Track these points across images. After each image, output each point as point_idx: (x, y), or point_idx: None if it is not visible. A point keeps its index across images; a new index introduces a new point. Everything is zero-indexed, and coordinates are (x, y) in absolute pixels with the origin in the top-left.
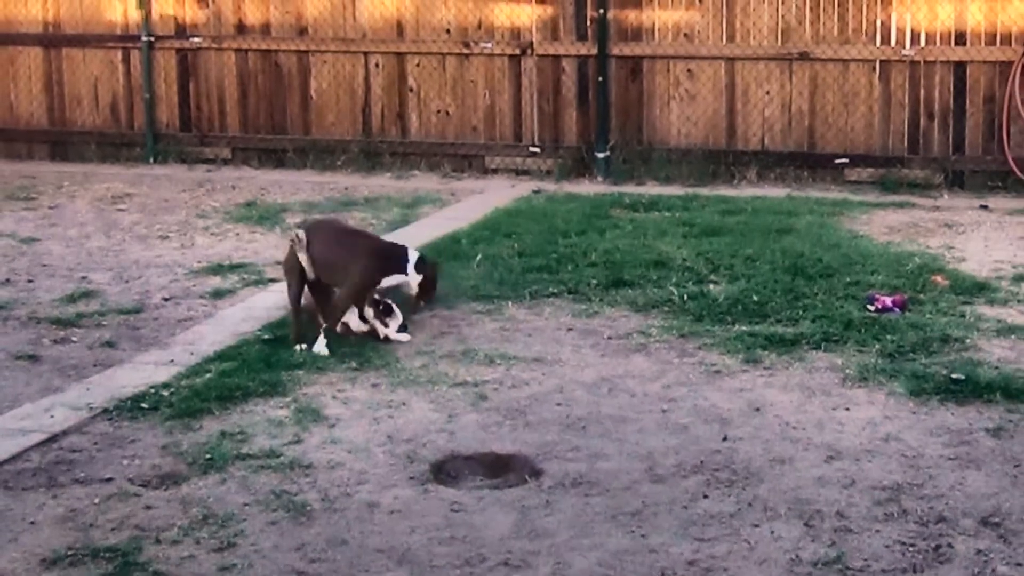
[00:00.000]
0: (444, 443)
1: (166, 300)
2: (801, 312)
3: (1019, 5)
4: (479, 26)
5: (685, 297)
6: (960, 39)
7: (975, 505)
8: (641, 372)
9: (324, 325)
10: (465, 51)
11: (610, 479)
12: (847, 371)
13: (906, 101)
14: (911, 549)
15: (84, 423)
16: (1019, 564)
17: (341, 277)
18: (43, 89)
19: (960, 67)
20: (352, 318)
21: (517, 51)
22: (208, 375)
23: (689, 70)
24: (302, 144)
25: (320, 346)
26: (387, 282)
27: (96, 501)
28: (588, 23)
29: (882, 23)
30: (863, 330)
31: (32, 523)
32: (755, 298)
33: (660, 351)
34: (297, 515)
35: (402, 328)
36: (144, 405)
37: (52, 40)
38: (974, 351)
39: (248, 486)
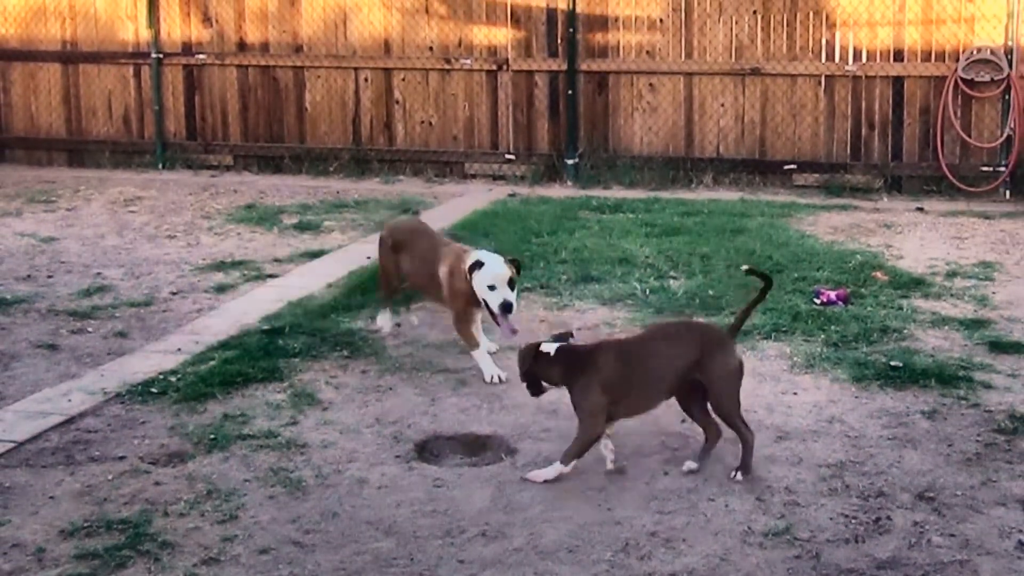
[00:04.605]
0: (427, 424)
1: (173, 294)
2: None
3: (952, 26)
4: (459, 44)
5: (647, 291)
6: (898, 56)
7: (912, 481)
8: None
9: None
10: (446, 67)
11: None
12: (795, 359)
13: (849, 112)
14: (853, 521)
15: (99, 406)
16: (952, 535)
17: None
18: (62, 102)
19: (898, 82)
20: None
21: (494, 67)
22: (212, 363)
23: (651, 84)
24: (298, 152)
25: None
26: None
27: (110, 477)
28: (559, 41)
29: (827, 41)
30: (809, 321)
31: (51, 497)
32: (711, 292)
33: None
34: (293, 490)
35: None
36: (154, 390)
37: (70, 57)
38: (911, 340)
39: (248, 464)
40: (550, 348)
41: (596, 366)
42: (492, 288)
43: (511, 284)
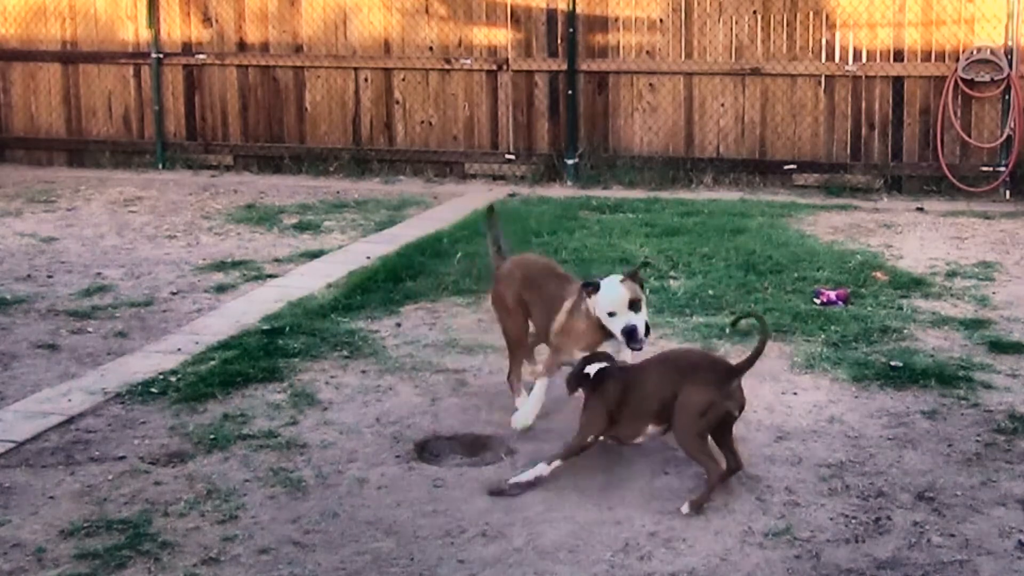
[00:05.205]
0: (427, 425)
1: (174, 294)
2: (753, 305)
3: (952, 27)
4: (459, 44)
5: (647, 291)
6: (898, 56)
7: (912, 481)
8: None
9: None
10: (446, 67)
11: (578, 457)
12: (795, 359)
13: (849, 112)
14: (853, 521)
15: (99, 406)
16: (952, 535)
17: None
18: (62, 102)
19: (898, 82)
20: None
21: (494, 67)
22: (212, 362)
23: (651, 84)
24: (298, 152)
25: None
26: None
27: (110, 477)
28: (559, 41)
29: (827, 41)
30: (809, 321)
31: (51, 498)
32: (711, 292)
33: None
34: (293, 490)
35: None
36: (154, 390)
37: (70, 57)
38: (911, 340)
39: (248, 464)
40: (591, 369)
41: (602, 387)
42: (612, 315)
43: (633, 306)
